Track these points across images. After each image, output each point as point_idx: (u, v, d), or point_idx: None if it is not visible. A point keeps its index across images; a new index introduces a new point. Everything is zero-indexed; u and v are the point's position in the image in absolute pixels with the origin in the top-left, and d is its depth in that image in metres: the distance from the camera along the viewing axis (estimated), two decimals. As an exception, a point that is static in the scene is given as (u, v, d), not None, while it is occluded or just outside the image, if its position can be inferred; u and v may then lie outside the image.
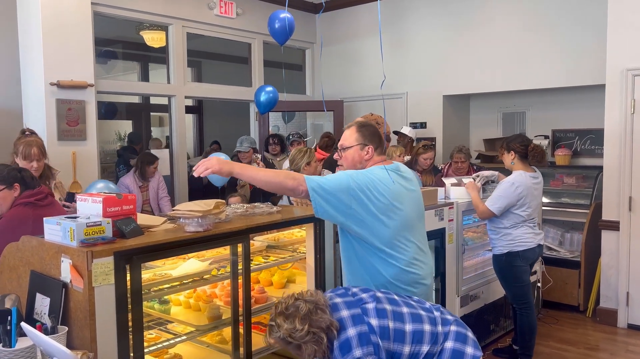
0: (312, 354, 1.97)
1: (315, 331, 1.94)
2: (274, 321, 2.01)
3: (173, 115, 6.29)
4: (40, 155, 3.39)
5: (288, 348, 2.01)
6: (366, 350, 1.93)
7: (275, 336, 2.00)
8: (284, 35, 5.61)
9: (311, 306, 1.97)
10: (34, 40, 4.16)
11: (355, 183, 2.27)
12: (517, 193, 3.81)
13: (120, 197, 2.22)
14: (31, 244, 2.23)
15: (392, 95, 7.05)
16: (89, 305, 1.96)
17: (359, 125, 2.51)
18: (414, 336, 2.03)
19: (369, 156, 2.45)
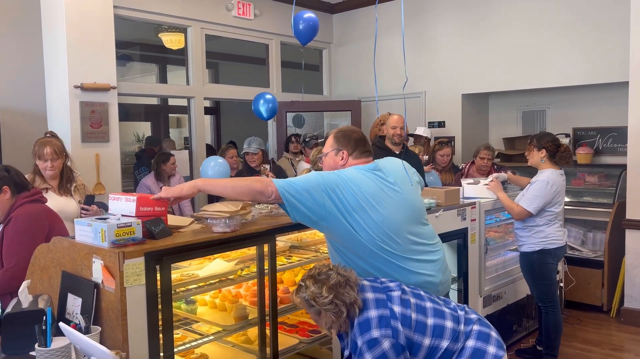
0: (329, 323, 2.04)
1: (338, 303, 2.01)
2: (303, 282, 2.08)
3: (192, 116, 6.34)
4: (54, 155, 3.36)
5: (309, 311, 2.09)
6: (384, 332, 1.98)
7: (301, 296, 2.07)
8: (308, 35, 5.63)
9: (342, 279, 2.04)
10: (59, 44, 4.22)
11: (325, 181, 2.23)
12: (552, 191, 3.81)
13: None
14: (62, 245, 2.27)
15: (410, 94, 7.03)
16: (121, 305, 1.98)
17: (335, 131, 2.51)
18: (434, 329, 2.06)
19: (343, 161, 2.42)
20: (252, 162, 4.87)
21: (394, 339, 1.97)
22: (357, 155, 2.43)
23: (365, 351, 1.96)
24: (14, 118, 4.60)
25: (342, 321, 2.03)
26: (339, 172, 2.33)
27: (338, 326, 2.05)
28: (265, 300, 2.55)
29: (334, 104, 7.41)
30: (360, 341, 1.99)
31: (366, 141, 2.48)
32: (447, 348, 2.05)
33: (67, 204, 3.40)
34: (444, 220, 3.58)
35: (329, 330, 2.10)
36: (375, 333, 1.98)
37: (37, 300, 2.10)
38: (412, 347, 2.02)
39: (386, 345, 1.96)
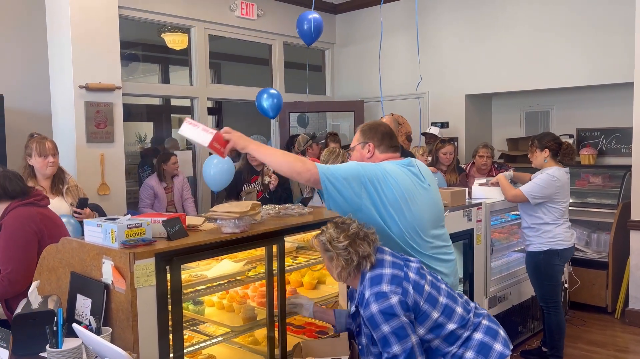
0: (338, 268, 2.10)
1: (351, 251, 2.07)
2: (325, 227, 2.18)
3: (196, 117, 6.33)
4: (55, 150, 3.33)
5: (324, 256, 2.17)
6: (394, 288, 2.02)
7: (320, 238, 2.16)
8: (313, 36, 5.63)
9: (361, 233, 2.10)
10: (64, 44, 4.22)
11: (366, 173, 2.23)
12: (555, 185, 3.79)
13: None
14: (71, 246, 2.26)
15: (413, 95, 7.02)
16: (132, 306, 1.97)
17: (362, 125, 2.53)
18: (445, 308, 2.09)
19: (370, 153, 2.44)
20: (253, 160, 4.65)
21: (402, 297, 2.01)
22: (384, 148, 2.45)
23: (372, 302, 2.00)
24: (18, 118, 4.59)
25: (350, 269, 2.08)
26: (379, 164, 2.32)
27: (346, 274, 2.10)
28: (274, 301, 2.54)
29: (337, 104, 7.41)
30: (369, 292, 2.03)
31: (393, 135, 2.49)
32: (453, 330, 2.07)
33: (59, 206, 3.33)
34: (450, 221, 3.56)
35: (338, 278, 2.14)
36: (385, 287, 2.02)
37: (46, 301, 2.10)
38: (420, 314, 2.05)
39: (394, 300, 1.99)
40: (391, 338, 1.97)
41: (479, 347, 2.06)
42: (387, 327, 1.97)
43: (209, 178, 4.50)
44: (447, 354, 2.08)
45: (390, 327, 1.97)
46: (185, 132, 2.29)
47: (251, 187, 4.52)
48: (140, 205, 5.35)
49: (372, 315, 1.99)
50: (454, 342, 2.07)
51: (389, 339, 1.97)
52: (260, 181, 4.52)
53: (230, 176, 4.41)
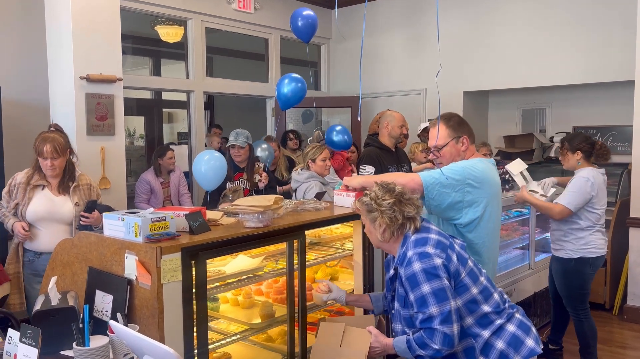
0: (382, 227, 2.09)
1: (396, 210, 2.07)
2: (369, 190, 2.19)
3: (192, 111, 6.23)
4: (55, 153, 3.05)
5: (366, 218, 2.15)
6: (439, 252, 2.01)
7: (363, 199, 2.15)
8: (308, 33, 5.54)
9: (406, 196, 2.11)
10: (63, 34, 4.09)
11: (465, 176, 2.31)
12: (591, 188, 3.56)
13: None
14: (89, 240, 2.18)
15: (411, 92, 7.01)
16: (158, 303, 1.91)
17: (445, 119, 2.52)
18: (484, 289, 2.08)
19: (465, 146, 2.49)
20: (238, 156, 4.36)
21: (446, 262, 2.00)
22: (472, 139, 2.51)
23: (415, 261, 1.99)
24: (16, 110, 4.44)
25: (394, 228, 2.07)
26: (473, 165, 2.36)
27: (390, 233, 2.08)
28: (295, 297, 2.49)
29: (333, 100, 7.36)
30: (412, 251, 2.02)
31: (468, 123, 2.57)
32: (487, 313, 2.06)
33: (62, 205, 3.15)
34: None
35: (381, 238, 2.11)
36: (429, 249, 2.01)
37: (65, 297, 2.01)
38: (460, 286, 2.04)
39: (438, 261, 1.99)
40: (430, 298, 1.94)
41: (511, 339, 2.04)
42: (427, 286, 1.95)
43: (200, 176, 4.05)
44: (478, 337, 2.05)
45: (431, 287, 1.95)
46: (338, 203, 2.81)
47: (236, 185, 4.31)
48: (137, 200, 5.24)
49: (413, 273, 1.97)
50: (486, 326, 2.05)
51: (427, 300, 1.95)
52: (245, 178, 4.32)
53: (223, 173, 4.13)
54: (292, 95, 4.37)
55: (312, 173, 3.99)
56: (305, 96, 6.45)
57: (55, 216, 3.13)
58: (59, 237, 2.71)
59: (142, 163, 8.22)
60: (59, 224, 3.15)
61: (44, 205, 3.12)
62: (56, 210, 3.13)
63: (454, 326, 1.95)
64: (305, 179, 3.95)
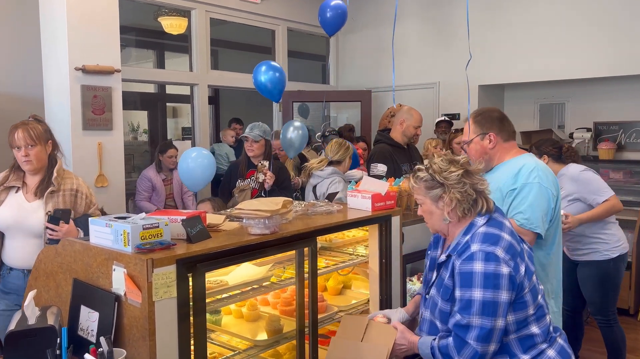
0: (451, 204, 1.81)
1: (467, 182, 1.80)
2: (424, 165, 1.90)
3: (195, 105, 5.99)
4: (30, 140, 2.54)
5: (426, 196, 1.86)
6: (508, 258, 1.73)
7: (421, 175, 1.87)
8: (336, 25, 5.24)
9: (473, 165, 1.87)
10: (58, 23, 3.85)
11: (550, 196, 2.20)
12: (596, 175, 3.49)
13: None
14: (74, 248, 1.93)
15: (423, 85, 6.74)
16: (149, 323, 1.66)
17: (474, 114, 2.35)
18: (539, 309, 1.82)
19: (492, 144, 2.29)
20: (251, 150, 3.96)
21: (513, 272, 1.72)
22: (505, 136, 2.30)
23: (480, 259, 1.71)
24: (8, 103, 4.22)
25: (467, 206, 1.79)
26: (544, 177, 2.22)
27: (462, 211, 1.80)
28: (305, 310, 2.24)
29: (343, 94, 7.08)
30: (479, 246, 1.74)
31: (508, 120, 2.35)
32: (534, 335, 1.79)
33: (32, 212, 2.58)
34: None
35: (449, 217, 1.83)
36: (500, 252, 1.72)
37: (45, 314, 1.77)
38: (519, 302, 1.75)
39: (505, 270, 1.70)
40: (477, 306, 1.69)
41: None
42: (480, 293, 1.69)
43: (185, 175, 3.68)
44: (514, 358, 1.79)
45: (484, 295, 1.69)
46: (353, 205, 2.65)
47: (246, 184, 3.94)
48: (137, 197, 5.02)
49: (472, 272, 1.71)
50: (528, 349, 1.79)
51: (473, 306, 1.69)
52: (256, 177, 3.95)
53: (211, 173, 3.68)
54: (272, 87, 4.11)
55: (335, 169, 3.81)
56: (314, 90, 6.21)
57: (23, 225, 2.57)
58: (28, 251, 2.38)
59: (146, 159, 8.00)
60: (26, 236, 2.58)
61: (11, 211, 2.58)
62: (23, 218, 2.57)
63: (491, 346, 1.70)
64: (329, 175, 3.75)
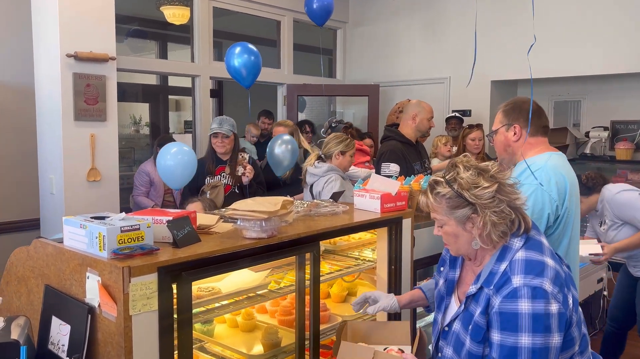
0: (484, 228, 1.50)
1: (503, 199, 1.49)
2: (443, 176, 1.55)
3: (197, 97, 5.78)
4: None
5: (450, 216, 1.53)
6: (556, 291, 1.44)
7: (443, 190, 1.52)
8: (322, 16, 5.07)
9: (506, 175, 1.55)
10: (50, 7, 3.63)
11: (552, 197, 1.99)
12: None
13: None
14: (46, 251, 1.72)
15: (432, 80, 6.50)
16: (125, 340, 1.44)
17: (505, 104, 2.20)
18: (582, 340, 1.56)
19: (516, 136, 2.11)
20: (221, 146, 3.74)
21: (563, 308, 1.44)
22: (533, 130, 2.10)
23: (525, 296, 1.41)
24: (-3, 92, 4.02)
25: (504, 228, 1.49)
26: (547, 179, 2.00)
27: (497, 235, 1.50)
28: (305, 321, 2.02)
29: (350, 88, 6.85)
30: (522, 280, 1.44)
31: (542, 113, 2.19)
32: None
33: None
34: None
35: (476, 246, 1.54)
36: (548, 285, 1.43)
37: (9, 326, 1.56)
38: (566, 340, 1.48)
39: (554, 308, 1.42)
40: (526, 355, 1.40)
41: None
42: (528, 339, 1.40)
43: (165, 172, 3.47)
44: None
45: (533, 342, 1.39)
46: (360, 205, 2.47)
47: (217, 180, 3.78)
48: (135, 192, 4.81)
49: (517, 313, 1.41)
50: None
51: (520, 355, 1.40)
52: (227, 173, 3.80)
53: (192, 170, 3.51)
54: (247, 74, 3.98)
55: (331, 166, 3.50)
56: (319, 84, 5.98)
57: None
58: None
59: (147, 152, 7.81)
60: None
61: None
62: None
63: None
64: (324, 172, 3.46)
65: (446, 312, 1.69)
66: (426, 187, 1.60)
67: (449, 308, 1.69)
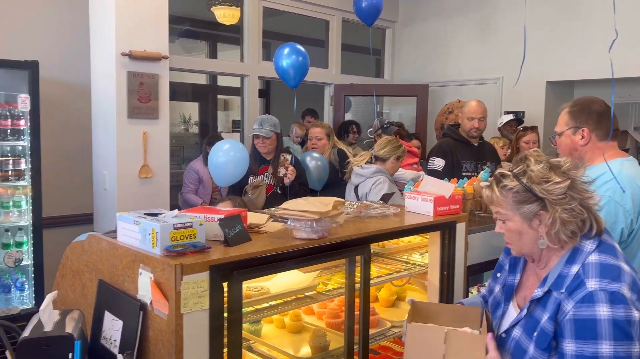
0: (552, 226, 1.41)
1: (575, 197, 1.40)
2: (510, 169, 1.47)
3: (245, 96, 5.83)
4: None
5: (516, 211, 1.44)
6: (635, 297, 1.35)
7: (510, 183, 1.44)
8: (371, 15, 5.02)
9: (579, 172, 1.45)
10: (107, 7, 3.72)
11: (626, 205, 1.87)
12: None
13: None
14: (100, 246, 1.74)
15: (484, 80, 6.31)
16: (176, 339, 1.43)
17: (571, 104, 2.09)
18: None
19: (584, 140, 2.01)
20: (263, 147, 3.74)
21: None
22: (601, 135, 2.00)
23: (603, 301, 1.32)
24: (55, 89, 4.14)
25: (574, 227, 1.41)
26: (619, 190, 1.89)
27: (566, 235, 1.41)
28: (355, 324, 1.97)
29: (399, 89, 6.75)
30: (598, 283, 1.35)
31: (610, 116, 2.04)
32: None
33: None
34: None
35: (542, 245, 1.45)
36: (626, 291, 1.34)
37: (64, 320, 1.58)
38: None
39: (636, 314, 1.32)
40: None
41: None
42: (610, 348, 1.29)
43: (215, 169, 3.54)
44: None
45: (616, 351, 1.29)
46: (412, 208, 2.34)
47: (259, 180, 3.75)
48: (184, 190, 4.89)
49: (595, 319, 1.31)
50: None
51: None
52: (270, 173, 3.76)
53: (244, 168, 3.55)
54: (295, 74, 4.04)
55: (379, 168, 3.47)
56: (367, 84, 5.92)
57: None
58: None
59: (196, 151, 7.95)
60: None
61: None
62: None
63: None
64: (372, 174, 3.43)
65: (503, 319, 1.61)
66: (490, 180, 1.52)
67: (507, 314, 1.60)
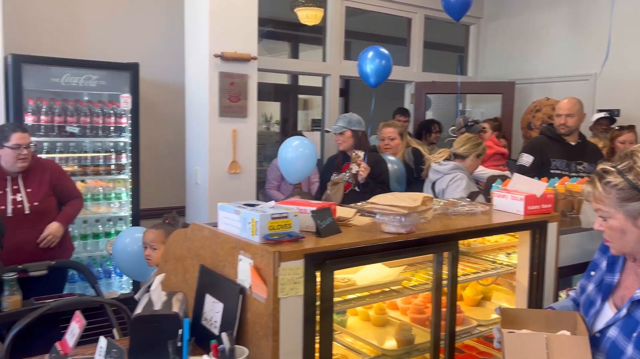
0: None
1: None
2: (613, 165, 1.43)
3: (327, 96, 5.93)
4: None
5: (619, 209, 1.41)
6: None
7: (614, 180, 1.41)
8: (460, 9, 4.96)
9: None
10: (201, 11, 3.95)
11: None
12: None
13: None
14: (202, 233, 1.87)
15: (575, 77, 6.03)
16: (273, 321, 1.52)
17: None
18: None
19: None
20: (339, 143, 3.79)
21: None
22: None
23: None
24: (153, 90, 4.44)
25: None
26: None
27: None
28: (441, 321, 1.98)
29: (483, 86, 6.59)
30: None
31: None
32: None
33: None
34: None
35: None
36: None
37: (170, 300, 1.72)
38: None
39: None
40: None
41: None
42: None
43: (285, 164, 3.69)
44: None
45: None
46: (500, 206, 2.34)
47: (340, 177, 3.74)
48: (267, 186, 5.06)
49: None
50: None
51: None
52: (350, 169, 3.72)
53: (311, 165, 3.63)
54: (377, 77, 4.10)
55: (457, 165, 3.42)
56: (449, 81, 5.83)
57: None
58: None
59: (277, 149, 8.17)
60: None
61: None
62: None
63: None
64: (450, 170, 3.39)
65: (597, 318, 1.57)
66: (592, 176, 1.49)
67: (601, 313, 1.57)
